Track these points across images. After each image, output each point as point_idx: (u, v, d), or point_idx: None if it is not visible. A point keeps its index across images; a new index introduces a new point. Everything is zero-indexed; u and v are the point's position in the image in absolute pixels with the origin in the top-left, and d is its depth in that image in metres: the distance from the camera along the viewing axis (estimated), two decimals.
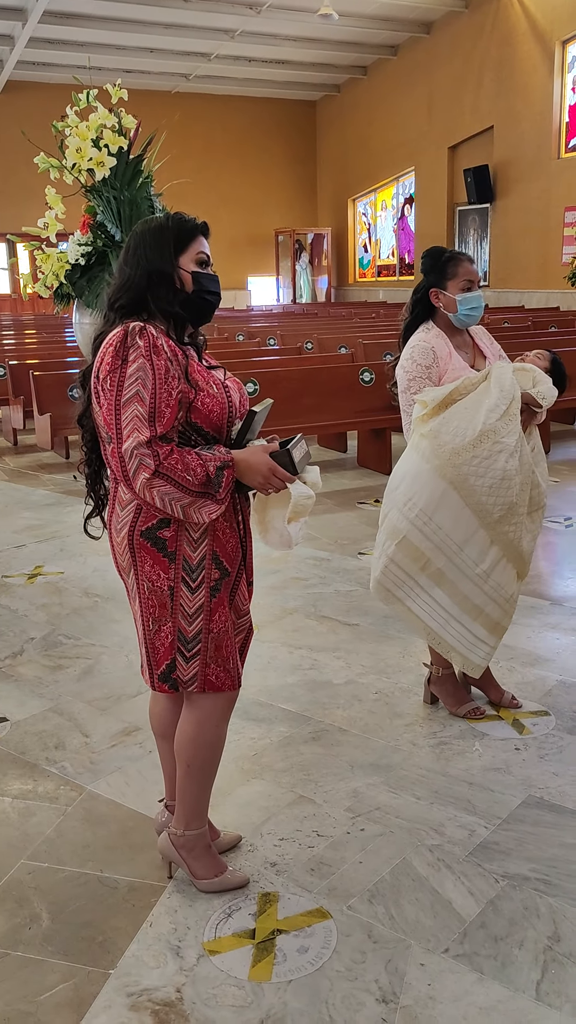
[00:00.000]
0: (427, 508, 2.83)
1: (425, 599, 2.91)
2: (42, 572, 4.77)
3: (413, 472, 2.87)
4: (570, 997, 1.94)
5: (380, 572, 2.96)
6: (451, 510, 2.82)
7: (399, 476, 2.93)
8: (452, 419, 2.83)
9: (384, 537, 2.95)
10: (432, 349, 2.96)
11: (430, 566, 2.87)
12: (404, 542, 2.87)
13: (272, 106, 23.56)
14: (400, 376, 3.02)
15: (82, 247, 5.93)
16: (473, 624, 2.90)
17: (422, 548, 2.86)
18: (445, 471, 2.80)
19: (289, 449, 2.06)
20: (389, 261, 23.03)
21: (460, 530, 2.83)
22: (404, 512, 2.87)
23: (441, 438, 2.81)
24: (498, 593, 2.90)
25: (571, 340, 9.29)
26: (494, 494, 2.79)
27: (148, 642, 2.15)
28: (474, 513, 2.81)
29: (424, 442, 2.85)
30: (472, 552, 2.85)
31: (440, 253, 3.03)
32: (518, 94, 17.09)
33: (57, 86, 17.72)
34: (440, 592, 2.89)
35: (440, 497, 2.82)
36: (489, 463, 2.78)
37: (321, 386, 7.09)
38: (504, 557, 2.88)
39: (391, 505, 2.93)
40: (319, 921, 2.17)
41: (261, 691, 3.35)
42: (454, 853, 2.41)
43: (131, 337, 1.97)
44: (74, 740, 3.05)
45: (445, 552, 2.85)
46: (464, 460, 2.78)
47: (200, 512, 1.99)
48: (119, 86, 6.03)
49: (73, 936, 2.15)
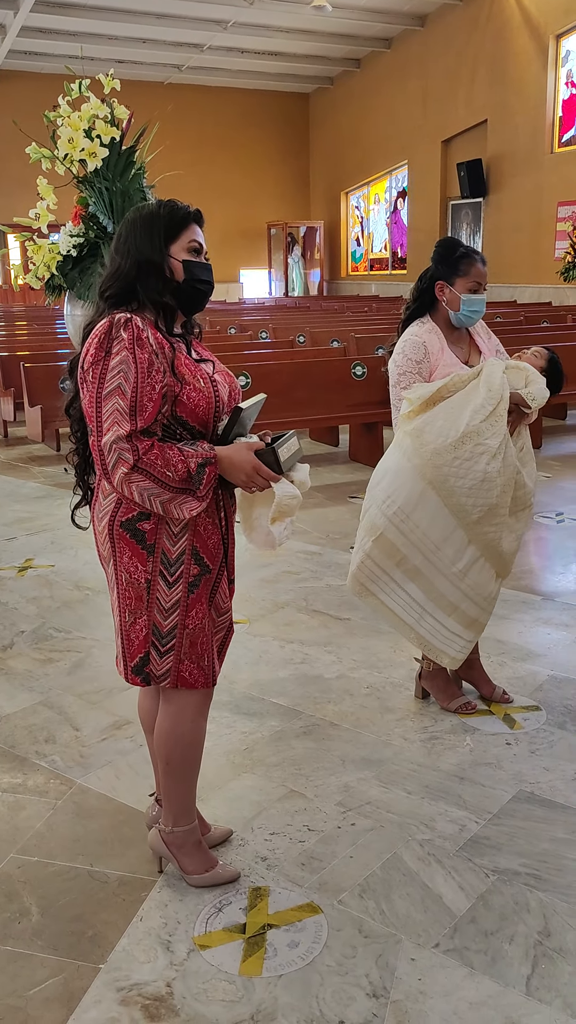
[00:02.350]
0: (405, 506, 2.83)
1: (400, 593, 2.91)
2: (32, 565, 4.75)
3: (394, 469, 2.87)
4: (560, 992, 1.94)
5: (356, 567, 2.96)
6: (429, 510, 2.82)
7: (381, 472, 2.93)
8: (437, 418, 2.81)
9: (363, 532, 2.95)
10: (424, 344, 2.94)
11: (406, 563, 2.87)
12: (381, 539, 2.87)
13: (265, 98, 23.47)
14: (391, 370, 3.00)
15: (74, 238, 5.91)
16: (447, 619, 2.90)
17: (398, 545, 2.86)
18: (425, 471, 2.79)
19: (274, 447, 2.03)
20: (382, 255, 22.99)
21: (437, 529, 2.83)
22: (383, 509, 2.87)
23: (424, 437, 2.80)
24: (475, 592, 2.90)
25: (563, 336, 9.29)
26: (474, 495, 2.78)
27: (124, 633, 2.13)
28: (452, 513, 2.81)
29: (407, 440, 2.85)
30: (449, 551, 2.84)
31: (455, 246, 2.98)
32: (512, 88, 17.07)
33: (49, 76, 17.65)
34: (414, 587, 2.89)
35: (419, 496, 2.81)
36: (470, 465, 2.76)
37: (313, 380, 7.08)
38: (482, 557, 2.88)
39: (371, 501, 2.93)
40: (310, 916, 2.17)
41: (252, 685, 3.35)
42: (445, 848, 2.41)
43: (115, 329, 1.95)
44: (64, 734, 3.04)
45: (422, 550, 2.85)
46: (445, 461, 2.77)
47: (180, 508, 1.97)
48: (111, 76, 5.99)
49: (63, 930, 2.15)
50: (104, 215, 5.85)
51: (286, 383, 6.85)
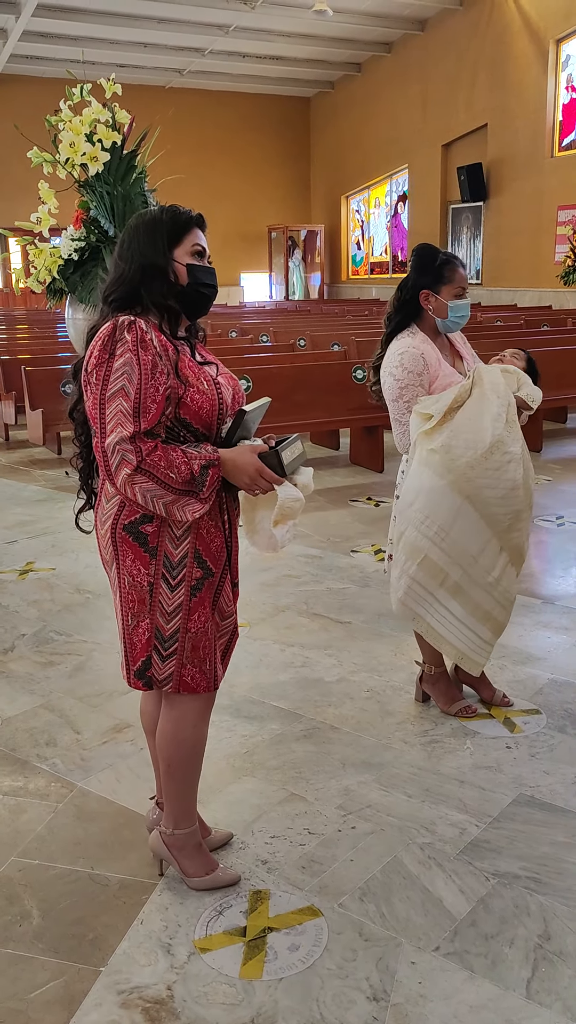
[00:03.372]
0: (445, 524, 2.81)
1: (442, 612, 2.90)
2: (33, 568, 4.76)
3: (427, 488, 2.83)
4: (560, 995, 1.95)
5: (403, 592, 2.92)
6: (468, 523, 2.81)
7: (412, 492, 2.88)
8: (461, 431, 2.78)
9: (403, 557, 2.90)
10: (422, 356, 2.92)
11: (448, 580, 2.86)
12: (426, 561, 2.85)
13: (266, 102, 23.52)
14: (389, 384, 2.96)
15: (75, 242, 5.92)
16: (482, 629, 2.91)
17: (441, 564, 2.85)
18: (461, 486, 2.77)
19: (278, 450, 2.03)
20: (382, 258, 23.02)
21: (476, 542, 2.83)
22: (422, 530, 2.84)
23: (454, 452, 2.77)
24: (504, 597, 2.92)
25: (563, 339, 9.30)
26: (504, 504, 2.79)
27: (126, 637, 2.13)
28: (487, 524, 2.82)
29: (435, 457, 2.80)
30: (485, 561, 2.85)
31: (434, 254, 2.97)
32: (512, 92, 17.10)
33: (50, 80, 17.65)
34: (456, 604, 2.88)
35: (456, 512, 2.80)
36: (500, 474, 2.77)
37: (314, 383, 7.09)
38: (510, 562, 2.90)
39: (407, 523, 2.89)
40: (310, 919, 2.17)
41: (253, 688, 3.35)
42: (445, 851, 2.42)
43: (119, 331, 1.96)
44: (65, 737, 3.04)
45: (461, 564, 2.84)
46: (478, 473, 2.76)
47: (183, 510, 1.97)
48: (113, 81, 6.01)
49: (64, 933, 2.15)
50: (105, 219, 5.86)
51: (287, 386, 6.86)
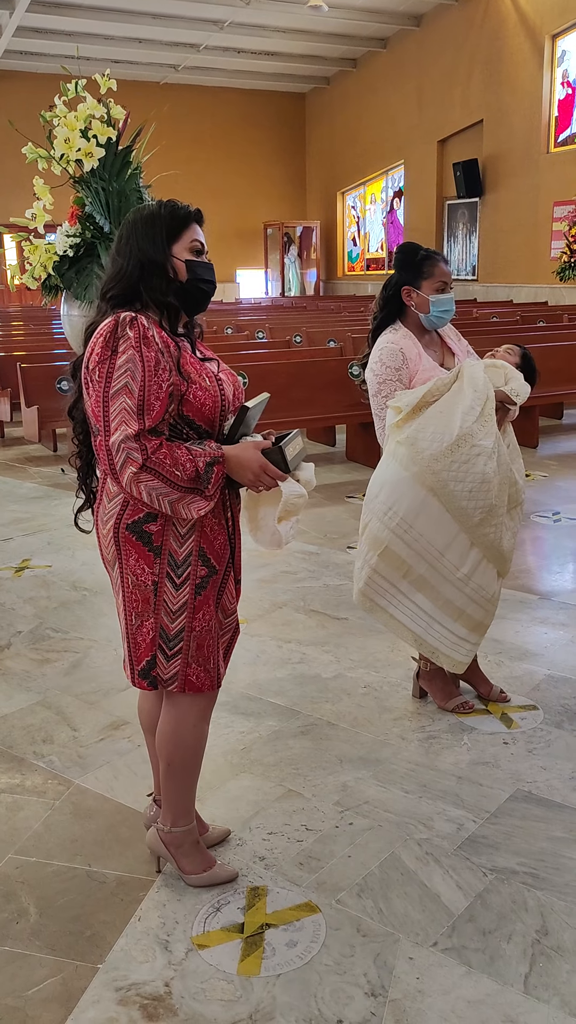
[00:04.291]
0: (408, 516, 2.82)
1: (407, 605, 2.90)
2: (30, 565, 4.75)
3: (392, 480, 2.85)
4: (558, 990, 1.95)
5: (364, 583, 2.94)
6: (432, 517, 2.81)
7: (378, 484, 2.91)
8: (428, 424, 2.80)
9: (366, 547, 2.92)
10: (401, 351, 2.93)
11: (412, 573, 2.86)
12: (386, 552, 2.86)
13: (261, 98, 23.45)
14: (370, 380, 2.97)
15: (70, 238, 5.89)
16: (455, 624, 2.90)
17: (403, 556, 2.84)
18: (424, 478, 2.78)
19: (282, 446, 2.02)
20: (378, 255, 22.99)
21: (441, 536, 2.82)
22: (385, 521, 2.85)
23: (419, 444, 2.79)
24: (479, 594, 2.90)
25: (559, 335, 9.30)
26: (474, 498, 2.78)
27: (130, 637, 2.12)
28: (454, 518, 2.80)
29: (401, 449, 2.83)
30: (453, 557, 2.84)
31: (415, 250, 2.98)
32: (508, 88, 17.07)
33: (45, 76, 17.61)
34: (421, 597, 2.88)
35: (420, 504, 2.80)
36: (468, 467, 2.76)
37: (310, 379, 7.08)
38: (484, 558, 2.88)
39: (371, 514, 2.91)
40: (308, 915, 2.17)
41: (250, 685, 3.35)
42: (443, 847, 2.42)
43: (121, 328, 1.94)
44: (62, 734, 3.04)
45: (426, 559, 2.84)
46: (443, 466, 2.76)
47: (189, 508, 1.96)
48: (107, 76, 5.99)
49: (61, 931, 2.15)
50: (100, 215, 5.84)
51: (283, 383, 6.85)
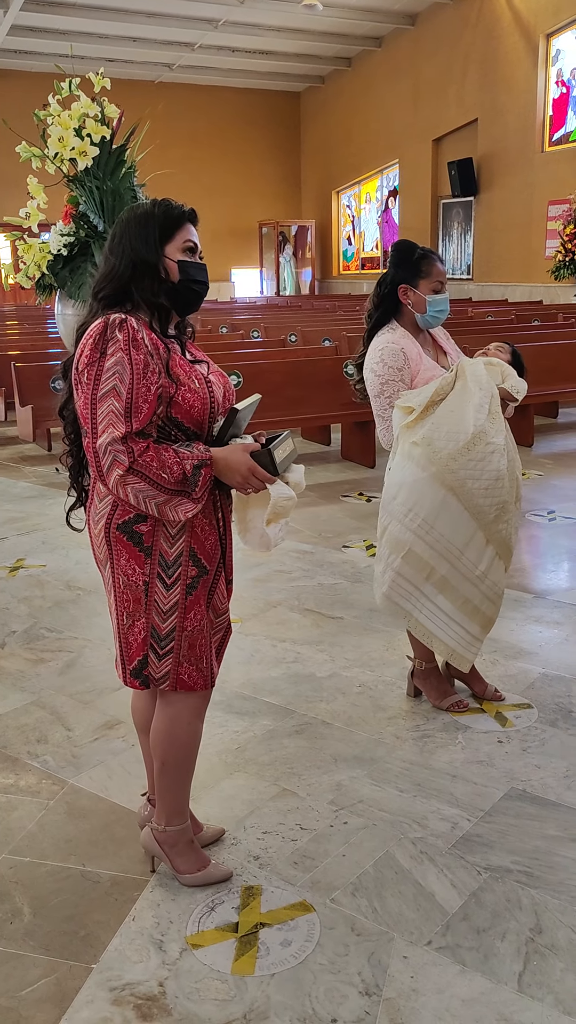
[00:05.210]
0: (429, 517, 2.81)
1: (429, 607, 2.90)
2: (24, 565, 4.74)
3: (410, 481, 2.83)
4: (552, 989, 1.95)
5: (388, 587, 2.92)
6: (452, 516, 2.81)
7: (395, 486, 2.89)
8: (442, 423, 2.79)
9: (387, 551, 2.91)
10: (402, 351, 2.92)
11: (434, 574, 2.86)
12: (410, 554, 2.85)
13: (256, 97, 23.44)
14: (371, 380, 2.96)
15: (64, 237, 5.89)
16: (470, 624, 2.91)
17: (426, 557, 2.84)
18: (444, 477, 2.78)
19: (270, 449, 2.02)
20: (373, 254, 22.99)
21: (460, 535, 2.83)
22: (406, 523, 2.84)
23: (435, 444, 2.78)
24: (492, 591, 2.92)
25: (554, 334, 9.31)
26: (489, 495, 2.79)
27: (121, 637, 2.13)
28: (472, 516, 2.81)
29: (417, 450, 2.81)
30: (472, 555, 2.85)
31: (412, 248, 2.97)
32: (502, 87, 17.09)
33: (39, 75, 17.59)
34: (443, 598, 2.88)
35: (441, 504, 2.80)
36: (483, 465, 2.77)
37: (305, 379, 7.08)
38: (497, 555, 2.90)
39: (390, 517, 2.89)
40: (302, 914, 2.17)
41: (245, 684, 3.35)
42: (437, 846, 2.42)
43: (110, 330, 1.94)
44: (56, 734, 3.04)
45: (448, 558, 2.84)
46: (461, 465, 2.76)
47: (176, 510, 1.96)
48: (102, 75, 5.98)
49: (55, 930, 2.14)
50: (95, 214, 5.84)
51: (278, 382, 6.85)
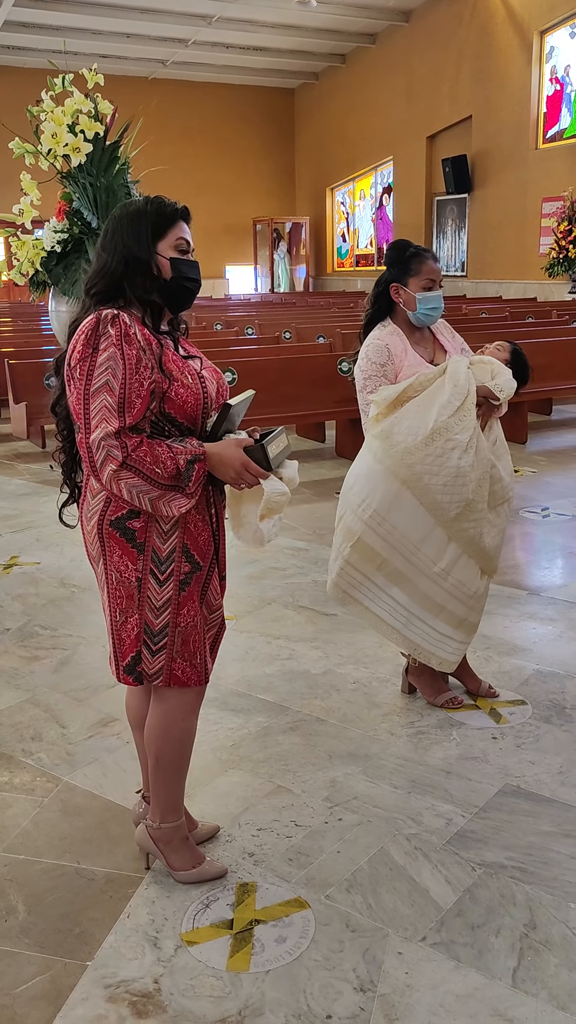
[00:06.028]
0: (381, 509, 2.83)
1: (384, 599, 2.90)
2: (18, 562, 4.74)
3: (366, 473, 2.87)
4: (546, 984, 1.96)
5: (336, 574, 2.95)
6: (406, 510, 2.81)
7: (353, 477, 2.93)
8: (404, 418, 2.82)
9: (340, 539, 2.94)
10: (386, 347, 2.94)
11: (386, 566, 2.86)
12: (359, 543, 2.87)
13: (250, 93, 23.41)
14: (356, 375, 2.99)
15: (58, 234, 5.87)
16: (435, 621, 2.90)
17: (377, 548, 2.85)
18: (398, 471, 2.79)
19: (264, 444, 2.02)
20: (367, 251, 22.99)
21: (416, 529, 2.83)
22: (358, 514, 2.86)
23: (393, 438, 2.80)
24: (460, 590, 2.90)
25: (548, 331, 9.32)
26: (449, 492, 2.79)
27: (114, 633, 2.13)
28: (429, 512, 2.81)
29: (376, 443, 2.84)
30: (429, 551, 2.84)
31: (405, 247, 2.99)
32: (496, 84, 17.09)
33: (32, 70, 17.51)
34: (398, 591, 2.88)
35: (394, 497, 2.81)
36: (442, 461, 2.77)
37: (299, 376, 7.08)
38: (464, 554, 2.88)
39: (345, 507, 2.92)
40: (297, 911, 2.17)
41: (239, 681, 3.35)
42: (431, 842, 2.42)
43: (103, 325, 1.94)
44: (51, 731, 3.03)
45: (401, 552, 2.84)
46: (417, 459, 2.77)
47: (169, 505, 1.96)
48: (95, 71, 5.96)
49: (50, 928, 2.14)
50: (88, 211, 5.82)
51: (272, 379, 6.84)
